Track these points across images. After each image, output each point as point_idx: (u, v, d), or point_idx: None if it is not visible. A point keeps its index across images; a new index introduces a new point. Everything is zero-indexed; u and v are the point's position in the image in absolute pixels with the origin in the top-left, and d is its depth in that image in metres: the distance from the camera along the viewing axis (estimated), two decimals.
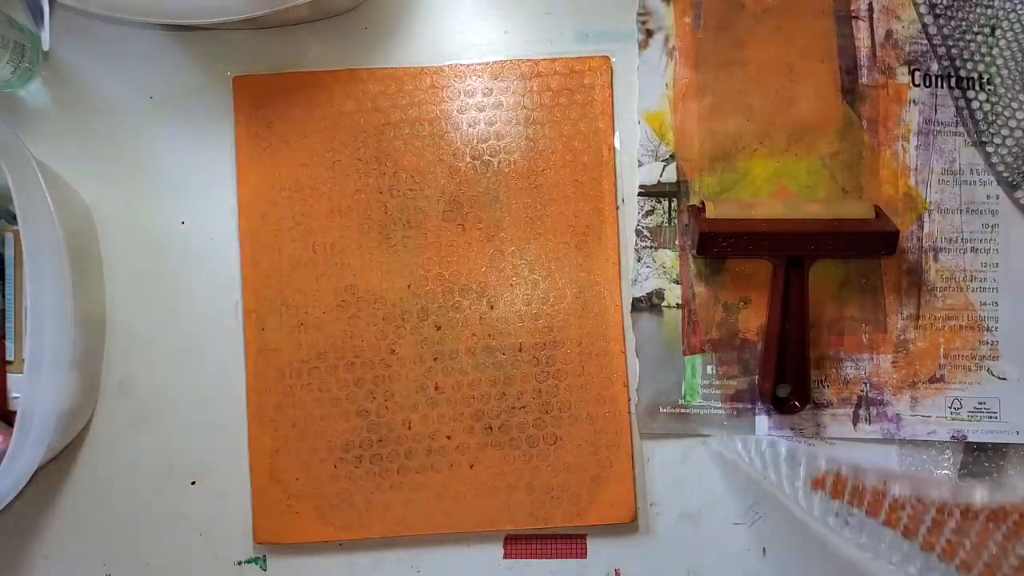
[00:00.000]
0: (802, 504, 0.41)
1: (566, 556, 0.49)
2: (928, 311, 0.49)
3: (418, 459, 0.49)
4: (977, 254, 0.50)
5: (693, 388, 0.49)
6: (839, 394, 0.49)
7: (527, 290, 0.49)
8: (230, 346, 0.49)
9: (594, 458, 0.48)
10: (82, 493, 0.49)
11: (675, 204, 0.50)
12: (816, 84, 0.50)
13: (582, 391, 0.49)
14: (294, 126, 0.50)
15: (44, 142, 0.50)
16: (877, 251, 0.47)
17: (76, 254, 0.44)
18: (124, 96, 0.51)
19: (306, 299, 0.49)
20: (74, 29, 0.51)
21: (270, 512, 0.48)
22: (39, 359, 0.40)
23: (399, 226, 0.49)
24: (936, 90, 0.50)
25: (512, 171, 0.50)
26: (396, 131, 0.50)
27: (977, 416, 0.49)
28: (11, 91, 0.50)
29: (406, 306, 0.49)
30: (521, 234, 0.49)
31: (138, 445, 0.49)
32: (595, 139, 0.50)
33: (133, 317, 0.50)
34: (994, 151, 0.50)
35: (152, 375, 0.50)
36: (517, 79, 0.50)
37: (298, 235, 0.49)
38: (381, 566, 0.49)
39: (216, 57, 0.51)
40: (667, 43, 0.50)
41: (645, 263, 0.50)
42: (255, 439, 0.49)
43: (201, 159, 0.50)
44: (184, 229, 0.50)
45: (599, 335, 0.49)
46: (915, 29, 0.50)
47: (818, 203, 0.47)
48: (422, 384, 0.49)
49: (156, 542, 0.49)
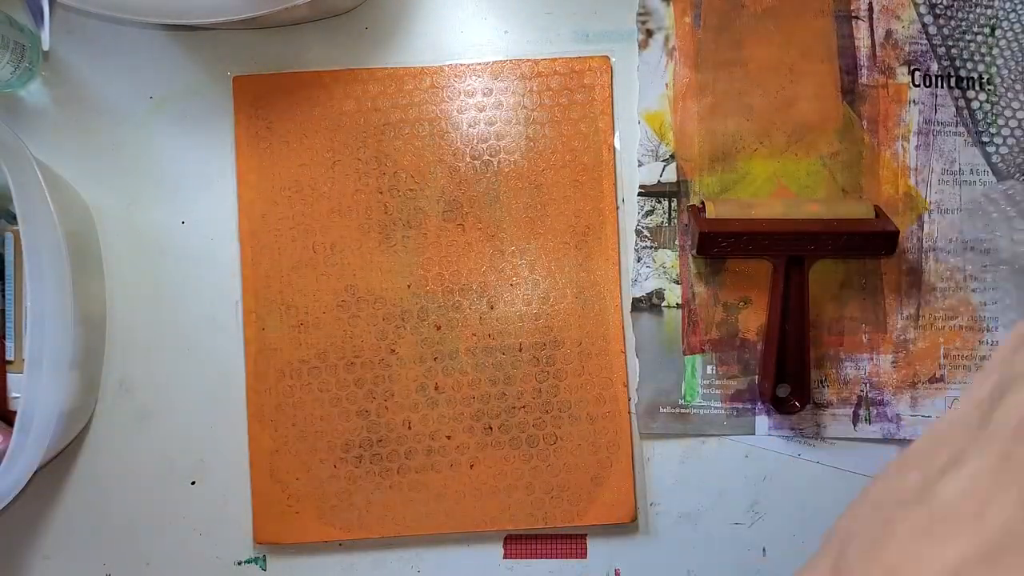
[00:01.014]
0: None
1: (566, 556, 0.49)
2: (928, 311, 0.49)
3: (418, 459, 0.49)
4: (977, 254, 0.50)
5: (693, 388, 0.49)
6: (839, 394, 0.49)
7: (527, 290, 0.49)
8: (230, 346, 0.49)
9: (594, 458, 0.48)
10: (82, 493, 0.49)
11: (675, 204, 0.50)
12: (816, 84, 0.50)
13: (582, 391, 0.49)
14: (294, 126, 0.50)
15: (44, 142, 0.50)
16: (877, 251, 0.47)
17: (76, 254, 0.44)
18: (124, 96, 0.51)
19: (306, 299, 0.49)
20: (74, 29, 0.51)
21: (270, 512, 0.48)
22: (39, 359, 0.40)
23: (399, 226, 0.49)
24: (936, 90, 0.50)
25: (512, 171, 0.50)
26: (396, 131, 0.50)
27: None
28: (11, 91, 0.50)
29: (406, 306, 0.49)
30: (521, 234, 0.49)
31: (138, 445, 0.49)
32: (595, 139, 0.50)
33: (133, 317, 0.50)
34: (994, 151, 0.50)
35: (152, 375, 0.50)
36: (517, 79, 0.50)
37: (298, 235, 0.49)
38: (381, 566, 0.49)
39: (216, 57, 0.51)
40: (667, 43, 0.50)
41: (645, 263, 0.50)
42: (255, 439, 0.49)
43: (201, 159, 0.50)
44: (184, 229, 0.50)
45: (599, 335, 0.49)
46: (915, 29, 0.50)
47: (818, 203, 0.47)
48: (422, 384, 0.49)
49: (156, 542, 0.49)
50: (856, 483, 0.49)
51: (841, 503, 0.49)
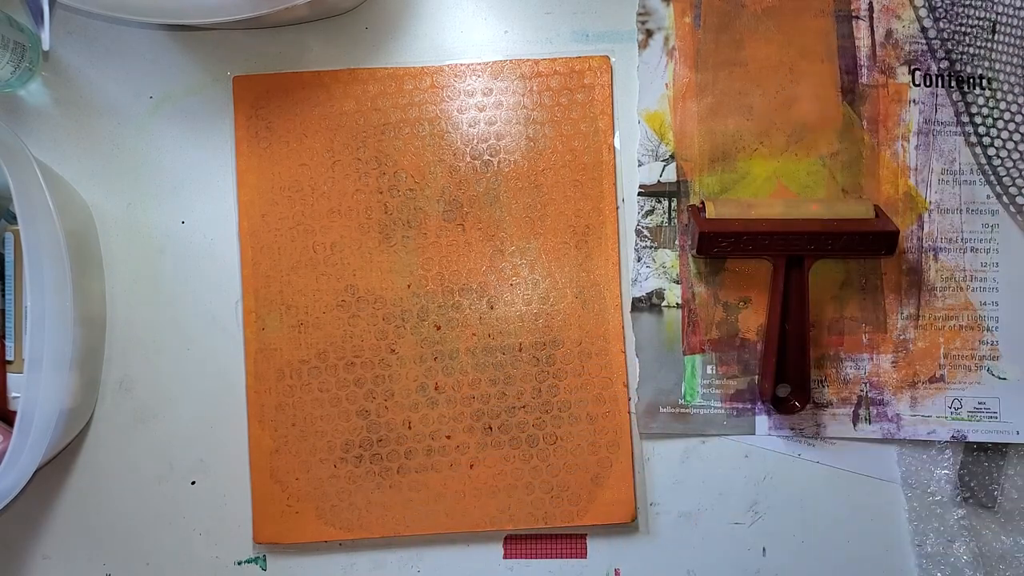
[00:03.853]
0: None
1: (566, 556, 0.49)
2: (928, 311, 0.49)
3: (418, 459, 0.49)
4: (977, 254, 0.50)
5: (693, 388, 0.49)
6: (839, 394, 0.49)
7: (527, 290, 0.49)
8: (230, 346, 0.49)
9: (594, 458, 0.48)
10: (82, 493, 0.49)
11: (675, 204, 0.50)
12: (816, 84, 0.50)
13: (582, 391, 0.49)
14: (294, 126, 0.50)
15: (44, 142, 0.50)
16: (877, 251, 0.47)
17: (76, 254, 0.44)
18: (124, 96, 0.51)
19: (306, 299, 0.49)
20: (74, 29, 0.51)
21: (270, 512, 0.48)
22: (39, 359, 0.40)
23: (399, 226, 0.49)
24: (936, 90, 0.50)
25: (512, 171, 0.50)
26: (396, 131, 0.50)
27: (977, 416, 0.49)
28: (11, 91, 0.50)
29: (406, 306, 0.49)
30: (521, 234, 0.49)
31: (138, 445, 0.49)
32: (595, 139, 0.50)
33: (133, 317, 0.50)
34: (995, 152, 0.50)
35: (152, 375, 0.50)
36: (517, 79, 0.50)
37: (298, 235, 0.49)
38: (381, 566, 0.49)
39: (216, 57, 0.51)
40: (667, 43, 0.50)
41: (645, 263, 0.50)
42: (255, 439, 0.49)
43: (201, 159, 0.50)
44: (184, 229, 0.50)
45: (599, 335, 0.49)
46: (915, 29, 0.50)
47: (818, 203, 0.47)
48: (422, 384, 0.49)
49: (156, 542, 0.49)
50: (856, 483, 0.49)
51: (841, 503, 0.49)
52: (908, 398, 0.49)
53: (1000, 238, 0.50)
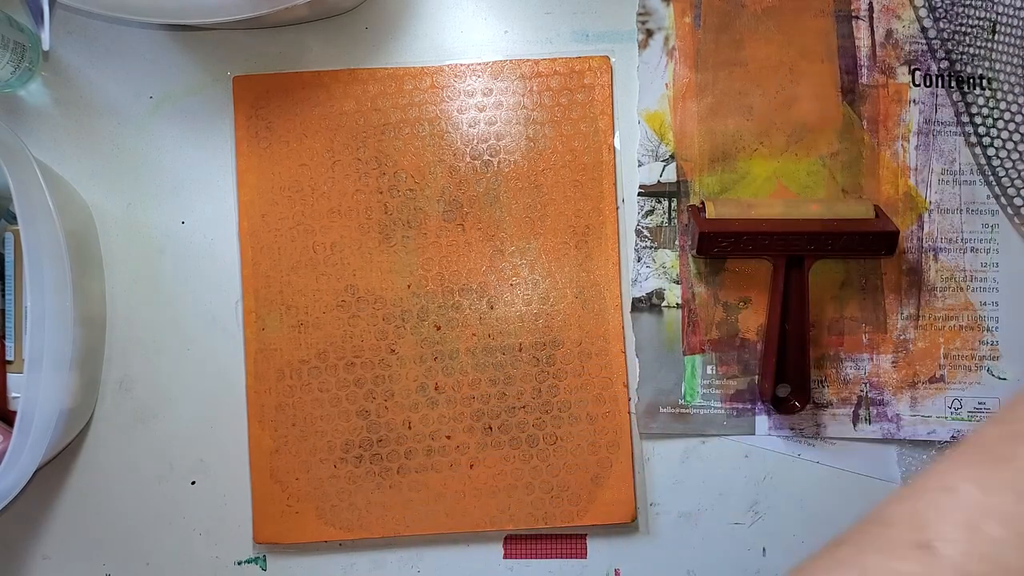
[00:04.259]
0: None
1: (566, 556, 0.49)
2: (928, 311, 0.49)
3: (418, 459, 0.49)
4: (977, 254, 0.50)
5: (693, 388, 0.49)
6: (839, 394, 0.49)
7: (527, 290, 0.49)
8: (230, 346, 0.49)
9: (594, 458, 0.48)
10: (82, 493, 0.49)
11: (675, 204, 0.50)
12: (816, 84, 0.50)
13: (582, 391, 0.49)
14: (294, 126, 0.50)
15: (44, 142, 0.50)
16: (877, 251, 0.47)
17: (76, 254, 0.44)
18: (124, 96, 0.51)
19: (306, 299, 0.49)
20: (74, 29, 0.51)
21: (270, 512, 0.48)
22: (39, 359, 0.40)
23: (399, 226, 0.49)
24: (936, 90, 0.50)
25: (512, 171, 0.50)
26: (396, 131, 0.50)
27: (977, 416, 0.49)
28: (11, 91, 0.50)
29: (406, 306, 0.49)
30: (521, 234, 0.49)
31: (138, 445, 0.49)
32: (595, 139, 0.50)
33: (133, 317, 0.50)
34: (994, 152, 0.50)
35: (152, 375, 0.50)
36: (517, 79, 0.50)
37: (298, 235, 0.49)
38: (381, 566, 0.49)
39: (216, 57, 0.51)
40: (667, 43, 0.50)
41: (645, 263, 0.50)
42: (255, 439, 0.49)
43: (201, 159, 0.50)
44: (184, 229, 0.50)
45: (599, 335, 0.49)
46: (915, 29, 0.50)
47: (818, 203, 0.47)
48: (422, 384, 0.49)
49: (156, 542, 0.49)
50: (856, 483, 0.49)
51: (841, 503, 0.49)
52: (908, 398, 0.49)
53: (1000, 238, 0.50)
